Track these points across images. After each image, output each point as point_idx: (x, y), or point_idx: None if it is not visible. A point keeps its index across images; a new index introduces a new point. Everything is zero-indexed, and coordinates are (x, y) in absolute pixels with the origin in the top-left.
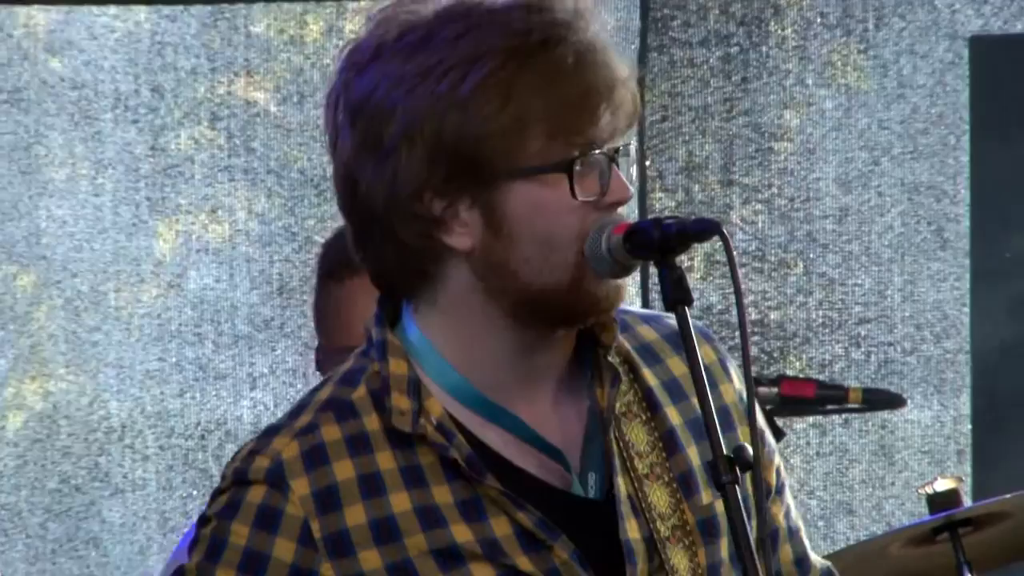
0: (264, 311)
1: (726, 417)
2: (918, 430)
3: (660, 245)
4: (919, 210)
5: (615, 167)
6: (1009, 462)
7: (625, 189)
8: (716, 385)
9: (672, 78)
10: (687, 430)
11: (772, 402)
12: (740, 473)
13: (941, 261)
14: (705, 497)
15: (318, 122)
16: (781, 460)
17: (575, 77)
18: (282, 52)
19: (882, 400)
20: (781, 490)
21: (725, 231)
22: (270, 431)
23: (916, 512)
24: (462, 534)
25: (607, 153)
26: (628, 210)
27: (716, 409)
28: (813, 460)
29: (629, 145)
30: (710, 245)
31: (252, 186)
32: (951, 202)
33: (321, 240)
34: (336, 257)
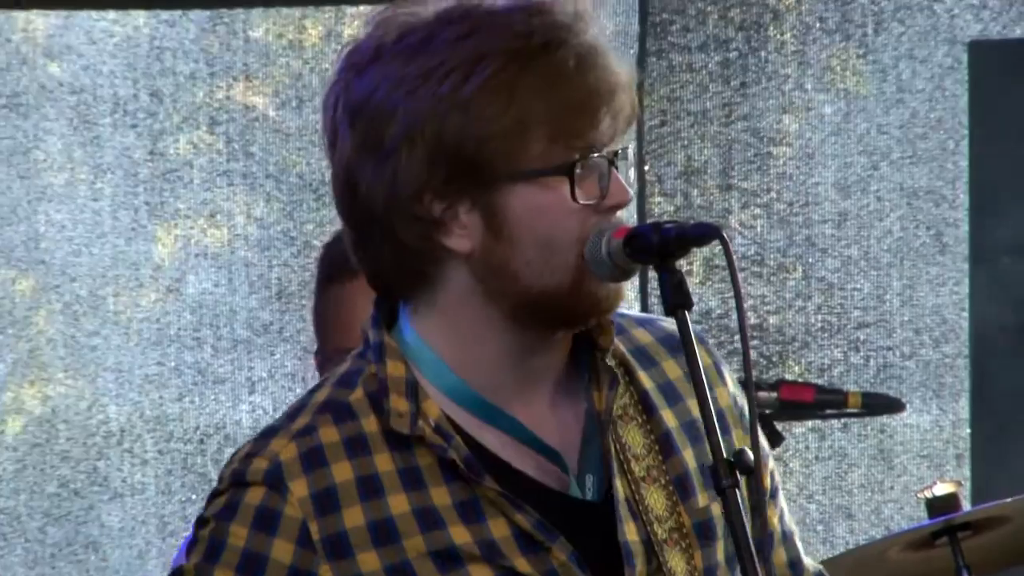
0: (263, 315)
1: (721, 421)
2: (917, 434)
3: (660, 249)
4: (918, 214)
5: (614, 170)
6: (1008, 466)
7: (625, 192)
8: (711, 388)
9: (671, 83)
10: (683, 433)
11: (771, 406)
12: (740, 477)
13: (940, 265)
14: (701, 500)
15: (317, 127)
16: (775, 464)
17: (576, 80)
18: (281, 57)
19: (881, 404)
20: (775, 494)
21: (725, 235)
22: (267, 433)
23: (915, 516)
24: (460, 536)
25: (606, 156)
26: (627, 214)
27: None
28: (812, 464)
29: (627, 148)
30: (709, 249)
31: (251, 191)
32: (950, 206)
33: (320, 244)
34: (336, 259)
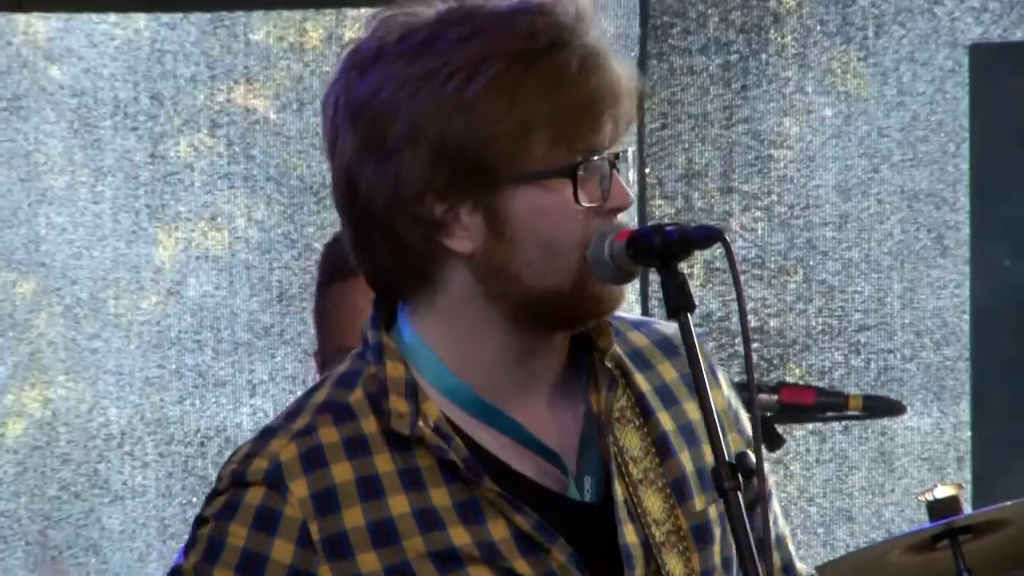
0: (263, 318)
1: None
2: (918, 437)
3: (662, 251)
4: (919, 217)
5: (615, 173)
6: (1009, 469)
7: (626, 195)
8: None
9: (672, 85)
10: (679, 436)
11: (772, 409)
12: (742, 479)
13: (941, 268)
14: (698, 503)
15: (318, 129)
16: (769, 467)
17: (580, 83)
18: (281, 60)
19: (882, 407)
20: (768, 497)
21: (727, 238)
22: (267, 433)
23: (916, 519)
24: (460, 537)
25: (608, 159)
26: (627, 217)
27: None
28: (813, 467)
29: (628, 151)
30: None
31: (251, 193)
32: (951, 209)
33: (320, 247)
34: (337, 259)
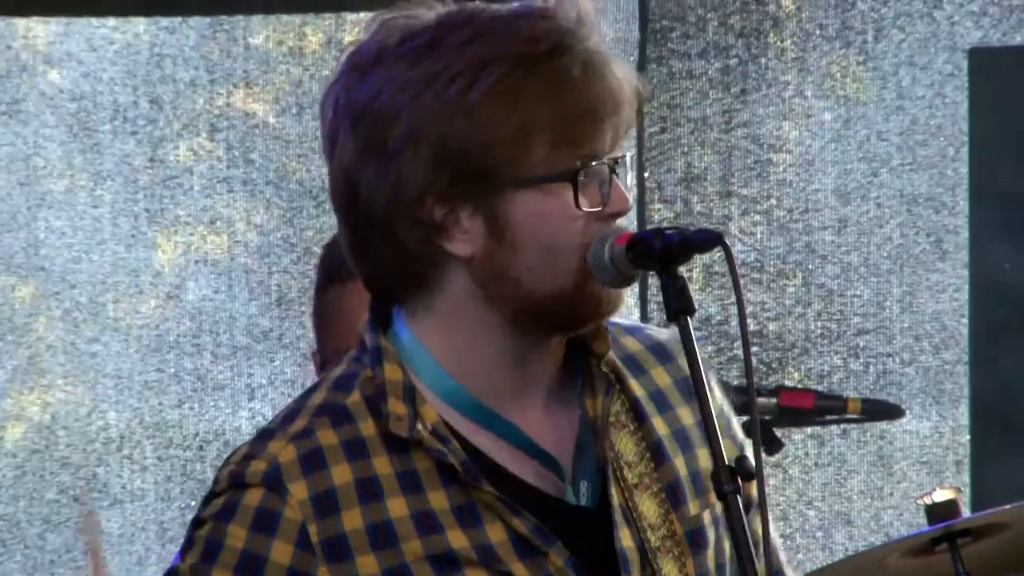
0: (263, 322)
1: None
2: (917, 441)
3: (662, 255)
4: (918, 221)
5: (615, 178)
6: (1008, 472)
7: (625, 200)
8: None
9: (671, 90)
10: (673, 441)
11: (771, 413)
12: (742, 483)
13: (940, 272)
14: (693, 508)
15: (317, 133)
16: (767, 471)
17: (581, 88)
18: (281, 64)
19: (881, 411)
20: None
21: (726, 242)
22: (264, 435)
23: (915, 523)
24: (458, 540)
25: (608, 163)
26: (627, 221)
27: (698, 422)
28: (811, 470)
29: (626, 155)
30: (709, 256)
31: (251, 197)
32: (950, 213)
33: (320, 251)
34: (336, 260)
